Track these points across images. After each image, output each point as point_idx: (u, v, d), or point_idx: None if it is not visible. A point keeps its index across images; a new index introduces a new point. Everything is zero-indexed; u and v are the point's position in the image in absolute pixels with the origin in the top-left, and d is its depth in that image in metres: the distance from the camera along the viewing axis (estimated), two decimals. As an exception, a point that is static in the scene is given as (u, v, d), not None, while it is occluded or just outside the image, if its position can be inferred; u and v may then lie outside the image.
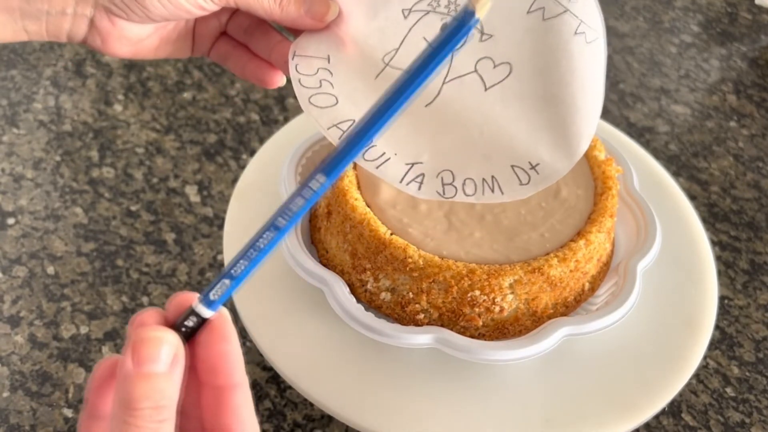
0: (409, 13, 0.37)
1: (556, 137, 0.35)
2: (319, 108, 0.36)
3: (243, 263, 0.26)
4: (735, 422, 0.49)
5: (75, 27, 0.35)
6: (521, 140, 0.35)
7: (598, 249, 0.43)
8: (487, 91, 0.36)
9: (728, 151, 0.69)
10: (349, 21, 0.37)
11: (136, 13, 0.34)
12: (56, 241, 0.56)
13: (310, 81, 0.36)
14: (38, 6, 0.33)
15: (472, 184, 0.35)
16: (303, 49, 0.37)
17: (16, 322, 0.50)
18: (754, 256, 0.59)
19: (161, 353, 0.24)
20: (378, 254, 0.41)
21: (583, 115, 0.35)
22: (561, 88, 0.35)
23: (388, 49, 0.37)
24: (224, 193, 0.60)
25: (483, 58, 0.36)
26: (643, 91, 0.75)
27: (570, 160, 0.35)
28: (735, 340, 0.53)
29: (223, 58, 0.40)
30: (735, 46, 0.83)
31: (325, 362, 0.41)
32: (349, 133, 0.27)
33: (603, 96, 0.36)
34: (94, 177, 0.61)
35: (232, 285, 0.26)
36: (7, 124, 0.65)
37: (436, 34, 0.36)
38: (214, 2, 0.35)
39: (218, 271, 0.54)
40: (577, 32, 0.35)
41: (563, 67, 0.35)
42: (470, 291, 0.40)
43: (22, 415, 0.46)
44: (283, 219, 0.26)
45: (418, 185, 0.34)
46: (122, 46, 0.36)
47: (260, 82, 0.40)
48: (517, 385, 0.41)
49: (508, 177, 0.35)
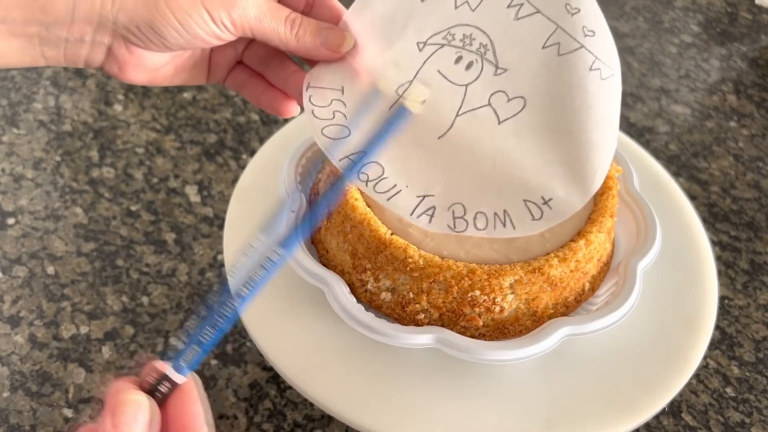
0: (423, 46, 0.37)
1: (569, 172, 0.35)
2: (332, 139, 0.36)
3: (210, 331, 0.29)
4: (735, 422, 0.49)
5: (93, 54, 0.35)
6: (534, 174, 0.35)
7: (598, 249, 0.43)
8: (501, 125, 0.36)
9: (728, 151, 0.69)
10: (363, 52, 0.37)
11: (154, 43, 0.34)
12: (56, 241, 0.56)
13: (324, 112, 0.37)
14: (57, 33, 0.33)
15: (484, 218, 0.35)
16: (317, 80, 0.37)
17: (16, 322, 0.51)
18: (754, 256, 0.59)
19: (138, 416, 0.26)
20: (378, 254, 0.41)
21: (598, 150, 0.35)
22: (575, 124, 0.35)
23: (401, 81, 0.37)
24: (224, 193, 0.60)
25: (497, 92, 0.36)
26: (643, 91, 0.75)
27: (584, 196, 0.35)
28: (735, 340, 0.53)
29: (238, 87, 0.40)
30: (735, 46, 0.83)
31: (325, 362, 0.41)
32: (304, 212, 0.29)
33: (617, 132, 0.36)
34: (94, 177, 0.61)
35: (201, 351, 0.29)
36: (7, 124, 0.65)
37: (449, 66, 0.36)
38: (230, 32, 0.35)
39: (218, 271, 0.54)
40: (592, 68, 0.35)
41: (578, 103, 0.35)
42: (470, 291, 0.40)
43: (22, 415, 0.46)
44: (246, 288, 0.29)
45: (429, 218, 0.34)
46: (139, 73, 0.36)
47: (275, 111, 0.40)
48: (517, 385, 0.41)
49: (521, 211, 0.35)
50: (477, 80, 0.37)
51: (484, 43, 0.37)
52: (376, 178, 0.35)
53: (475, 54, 0.37)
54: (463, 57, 0.37)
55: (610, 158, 0.36)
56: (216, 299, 0.29)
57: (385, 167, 0.35)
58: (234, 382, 0.48)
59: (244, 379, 0.48)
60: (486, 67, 0.37)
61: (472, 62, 0.37)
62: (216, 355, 0.50)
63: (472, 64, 0.37)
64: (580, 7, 0.36)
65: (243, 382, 0.48)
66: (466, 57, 0.37)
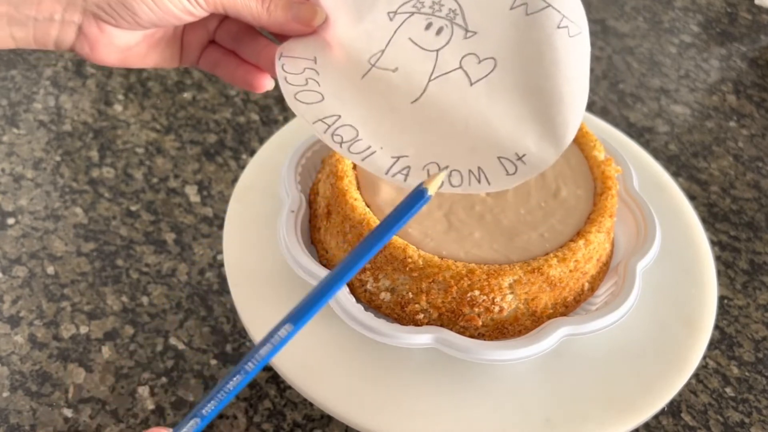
0: (394, 16, 0.38)
1: (541, 128, 0.36)
2: (305, 104, 0.36)
3: (212, 404, 0.29)
4: (734, 422, 0.49)
5: (63, 34, 0.34)
6: (507, 132, 0.36)
7: (597, 249, 0.43)
8: (473, 86, 0.37)
9: (728, 151, 0.69)
10: (335, 26, 0.38)
11: (125, 19, 0.34)
12: (56, 241, 0.56)
13: (297, 79, 0.37)
14: (26, 12, 0.33)
15: (458, 175, 0.35)
16: (290, 51, 0.38)
17: (16, 322, 0.51)
18: (753, 256, 0.59)
19: None
20: (377, 254, 0.41)
21: (569, 105, 0.36)
22: (545, 80, 0.36)
23: (374, 50, 0.38)
24: (224, 193, 0.60)
25: (468, 55, 0.37)
26: (643, 91, 0.75)
27: (557, 149, 0.35)
28: (734, 340, 0.53)
29: (212, 66, 0.40)
30: (735, 46, 0.83)
31: (325, 362, 0.41)
32: (317, 286, 0.31)
33: (588, 88, 0.36)
34: (94, 177, 0.61)
35: (201, 423, 0.29)
36: (7, 124, 0.65)
37: (420, 33, 0.37)
38: (202, 8, 0.35)
39: (218, 271, 0.55)
40: (560, 26, 0.36)
41: (547, 60, 0.36)
42: (470, 291, 0.40)
43: (22, 415, 0.46)
44: (251, 364, 0.30)
45: (404, 177, 0.35)
46: (110, 53, 0.36)
47: (249, 86, 0.40)
48: (517, 385, 0.41)
49: (495, 168, 0.35)
50: (448, 45, 0.37)
51: (452, 8, 0.38)
52: (350, 139, 0.35)
53: (444, 19, 0.37)
54: (433, 23, 0.37)
55: (582, 112, 0.36)
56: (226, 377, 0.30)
57: (359, 130, 0.36)
58: (234, 382, 0.48)
59: (244, 379, 0.48)
60: (456, 31, 0.37)
61: (442, 27, 0.37)
62: (216, 355, 0.50)
63: (442, 29, 0.37)
64: None
65: (243, 382, 0.48)
66: (435, 23, 0.37)
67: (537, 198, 0.44)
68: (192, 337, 0.51)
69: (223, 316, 0.52)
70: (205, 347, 0.50)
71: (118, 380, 0.48)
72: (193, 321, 0.51)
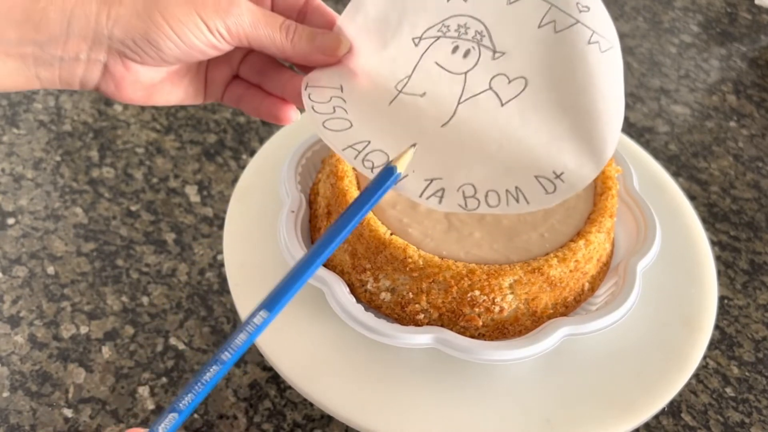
0: (419, 41, 0.37)
1: (579, 144, 0.35)
2: (334, 131, 0.36)
3: (189, 397, 0.29)
4: (735, 422, 0.49)
5: (88, 73, 0.34)
6: (542, 151, 0.35)
7: (597, 249, 0.43)
8: (504, 107, 0.36)
9: (728, 151, 0.69)
10: (359, 54, 0.37)
11: (150, 55, 0.34)
12: (56, 241, 0.56)
13: (324, 108, 0.37)
14: (52, 52, 0.33)
15: (495, 195, 0.34)
16: (315, 81, 0.37)
17: (16, 322, 0.51)
18: (753, 256, 0.59)
19: None
20: (378, 254, 0.41)
21: (606, 120, 0.35)
22: (579, 97, 0.35)
23: (400, 76, 0.37)
24: (224, 193, 0.61)
25: (497, 75, 0.36)
26: (643, 91, 0.75)
27: (597, 165, 0.35)
28: (735, 340, 0.53)
29: (236, 101, 0.40)
30: (735, 46, 0.83)
31: (325, 362, 0.41)
32: (290, 271, 0.30)
33: (623, 102, 0.36)
34: (94, 177, 0.61)
35: (180, 418, 0.29)
36: (7, 124, 0.65)
37: (447, 56, 0.36)
38: (226, 41, 0.35)
39: (218, 271, 0.54)
40: (590, 42, 0.35)
41: (579, 76, 0.35)
42: (470, 291, 0.40)
43: (22, 415, 0.46)
44: (228, 353, 0.29)
45: (438, 199, 0.34)
46: (135, 90, 0.36)
47: (275, 119, 0.40)
48: (517, 385, 0.41)
49: (533, 187, 0.34)
50: (476, 66, 0.37)
51: (479, 30, 0.37)
52: (381, 164, 0.35)
53: (471, 42, 0.37)
54: (459, 46, 0.37)
55: (619, 127, 0.35)
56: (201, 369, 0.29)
57: (389, 154, 0.35)
58: (234, 382, 0.48)
59: (244, 379, 0.48)
60: (484, 52, 0.37)
61: (469, 50, 0.37)
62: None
63: (469, 51, 0.37)
64: None
65: (243, 382, 0.48)
66: (462, 46, 0.37)
67: (537, 198, 0.44)
68: (192, 337, 0.51)
69: (223, 316, 0.52)
70: (205, 347, 0.50)
71: (118, 380, 0.48)
72: (193, 321, 0.51)
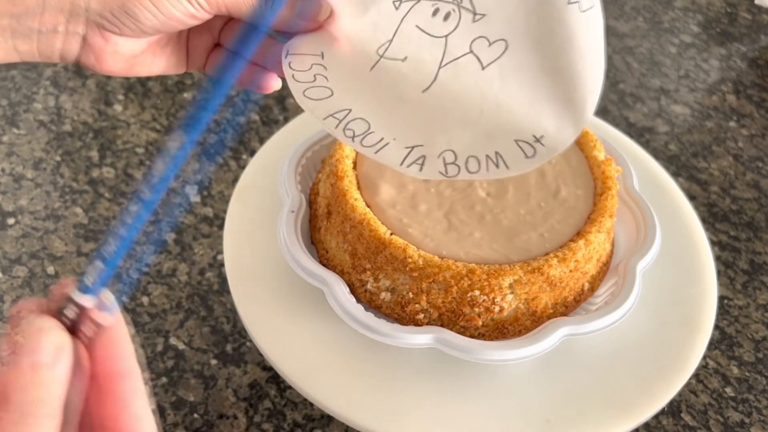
0: (400, 4, 0.37)
1: (558, 107, 0.35)
2: (315, 100, 0.36)
3: (113, 243, 0.26)
4: (734, 422, 0.49)
5: (67, 45, 0.34)
6: (523, 114, 0.35)
7: (597, 249, 0.43)
8: (485, 70, 0.36)
9: (728, 151, 0.69)
10: (340, 19, 0.37)
11: (129, 27, 0.34)
12: (56, 241, 0.56)
13: (304, 76, 0.36)
14: (29, 24, 0.33)
15: (475, 161, 0.34)
16: (296, 48, 0.37)
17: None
18: (753, 256, 0.59)
19: (42, 344, 0.24)
20: (378, 254, 0.41)
21: (585, 82, 0.35)
22: (559, 58, 0.35)
23: (381, 41, 0.37)
24: (224, 193, 0.60)
25: (477, 38, 0.36)
26: (643, 91, 0.75)
27: (575, 128, 0.35)
28: (734, 340, 0.53)
29: None
30: (735, 46, 0.83)
31: (325, 362, 0.41)
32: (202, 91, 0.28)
33: (603, 63, 0.35)
34: (94, 177, 0.61)
35: (108, 268, 0.26)
36: (7, 124, 0.65)
37: (427, 20, 0.36)
38: (204, 9, 0.34)
39: (218, 271, 0.54)
40: (570, 2, 0.35)
41: (559, 37, 0.35)
42: (470, 291, 0.40)
43: (22, 415, 0.46)
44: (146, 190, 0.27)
45: (419, 167, 0.34)
46: (116, 62, 0.36)
47: (257, 88, 0.40)
48: (517, 385, 0.41)
49: (513, 152, 0.34)
50: (456, 29, 0.37)
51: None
52: (362, 132, 0.35)
53: (451, 4, 0.37)
54: (440, 9, 0.37)
55: (599, 88, 0.35)
56: None
57: (370, 122, 0.35)
58: (234, 381, 0.48)
59: (244, 379, 0.48)
60: (464, 15, 0.37)
61: (449, 12, 0.37)
62: (216, 354, 0.50)
63: (449, 14, 0.37)
64: None
65: (243, 382, 0.48)
66: (443, 8, 0.37)
67: (537, 198, 0.44)
68: (192, 337, 0.50)
69: (223, 316, 0.52)
70: (205, 347, 0.50)
71: (118, 380, 0.48)
72: (193, 321, 0.51)
